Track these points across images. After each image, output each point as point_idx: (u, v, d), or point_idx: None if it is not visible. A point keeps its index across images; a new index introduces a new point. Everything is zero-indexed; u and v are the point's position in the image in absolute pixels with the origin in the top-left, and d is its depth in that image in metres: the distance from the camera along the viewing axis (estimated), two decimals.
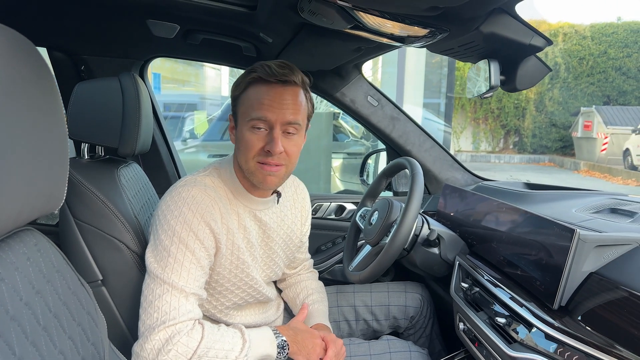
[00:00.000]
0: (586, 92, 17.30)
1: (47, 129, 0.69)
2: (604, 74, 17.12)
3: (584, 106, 16.35)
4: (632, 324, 0.89)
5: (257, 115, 1.18)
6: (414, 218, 1.40)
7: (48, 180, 0.70)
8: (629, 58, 16.80)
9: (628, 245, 1.06)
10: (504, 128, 18.18)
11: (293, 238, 1.49)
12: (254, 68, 1.21)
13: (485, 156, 17.75)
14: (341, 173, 5.87)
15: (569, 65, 17.33)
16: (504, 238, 1.33)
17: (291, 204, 1.50)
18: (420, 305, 1.74)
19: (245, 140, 1.21)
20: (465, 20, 1.11)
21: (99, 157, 1.53)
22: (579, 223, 1.29)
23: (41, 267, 0.73)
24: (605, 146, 14.81)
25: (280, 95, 1.19)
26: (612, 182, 12.75)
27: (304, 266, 1.69)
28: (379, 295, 1.74)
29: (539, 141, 17.94)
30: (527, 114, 17.83)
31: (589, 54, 17.19)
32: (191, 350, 1.11)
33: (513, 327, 1.11)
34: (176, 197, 1.21)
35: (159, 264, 1.16)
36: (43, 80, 0.68)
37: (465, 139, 18.24)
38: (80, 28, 1.77)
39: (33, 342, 0.64)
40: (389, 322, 1.73)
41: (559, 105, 17.59)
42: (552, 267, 1.07)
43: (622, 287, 0.96)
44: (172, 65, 10.16)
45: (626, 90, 16.94)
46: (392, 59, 7.19)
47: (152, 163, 2.22)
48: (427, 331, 1.76)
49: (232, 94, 1.28)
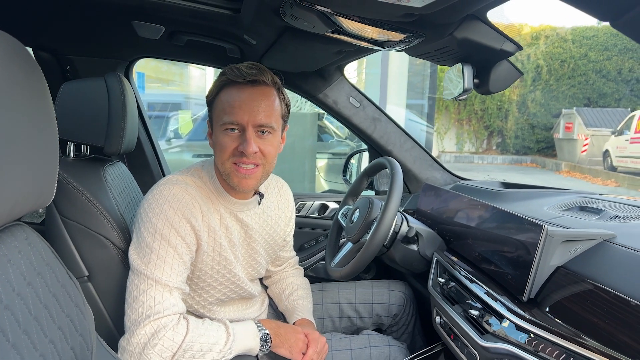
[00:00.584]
0: (567, 94, 17.53)
1: (38, 128, 0.72)
2: (584, 76, 17.37)
3: (566, 108, 16.57)
4: (595, 315, 0.93)
5: (228, 119, 1.20)
6: (394, 216, 1.44)
7: (39, 176, 0.73)
8: (608, 61, 17.08)
9: (593, 240, 1.11)
10: (487, 129, 18.36)
11: (276, 238, 1.52)
12: (224, 71, 1.23)
13: (469, 157, 17.90)
14: (326, 173, 5.91)
15: (551, 67, 17.56)
16: (479, 235, 1.38)
17: (275, 205, 1.52)
18: (404, 303, 1.78)
19: (220, 143, 1.23)
20: (439, 26, 1.16)
21: (85, 156, 1.55)
22: (549, 220, 1.35)
23: (32, 260, 0.76)
24: (585, 147, 15.03)
25: (251, 96, 1.21)
26: (592, 183, 12.92)
27: (289, 263, 1.72)
28: (363, 293, 1.78)
29: (522, 142, 18.15)
30: (510, 115, 18.02)
31: (570, 57, 17.43)
32: (176, 344, 1.14)
33: (486, 319, 1.16)
34: (157, 195, 1.24)
35: (142, 260, 1.19)
36: (35, 82, 0.72)
37: (449, 140, 18.38)
38: (66, 28, 1.79)
39: (25, 331, 0.67)
40: (373, 320, 1.77)
41: (541, 107, 17.81)
42: (522, 262, 1.12)
43: (587, 280, 1.01)
44: (157, 65, 10.08)
45: (606, 92, 17.21)
46: (375, 60, 7.25)
47: (137, 162, 2.24)
48: (409, 328, 1.81)
49: (206, 100, 1.30)
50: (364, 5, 1.00)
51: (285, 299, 1.62)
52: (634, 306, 0.88)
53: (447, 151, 17.96)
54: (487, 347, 1.11)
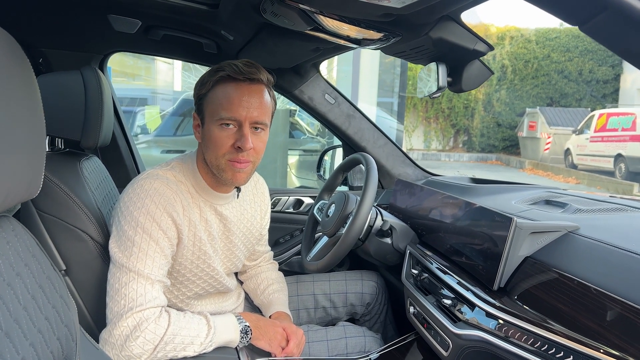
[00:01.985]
0: (531, 93, 18.00)
1: (27, 121, 0.72)
2: (547, 76, 17.87)
3: (529, 107, 16.98)
4: (561, 301, 0.99)
5: (226, 115, 1.21)
6: (369, 209, 1.48)
7: (28, 168, 0.74)
8: (570, 62, 17.61)
9: (559, 232, 1.17)
10: (454, 127, 18.68)
11: (253, 231, 1.53)
12: (222, 67, 1.24)
13: (436, 154, 18.18)
14: (297, 169, 5.92)
15: (515, 67, 17.99)
16: (450, 228, 1.43)
17: (251, 199, 1.54)
18: (376, 292, 1.82)
19: (215, 138, 1.23)
20: (416, 26, 1.20)
21: (59, 149, 1.53)
22: (517, 213, 1.40)
23: (19, 251, 0.77)
24: (548, 146, 15.45)
25: (248, 94, 1.23)
26: (555, 180, 13.29)
27: (264, 258, 1.73)
28: (337, 283, 1.81)
29: (487, 140, 18.55)
30: (476, 114, 18.39)
31: (533, 57, 17.89)
32: (158, 337, 1.15)
33: (458, 308, 1.20)
34: (138, 190, 1.24)
35: (124, 254, 1.19)
36: (24, 76, 0.72)
37: (417, 138, 18.63)
38: (39, 20, 1.75)
39: (16, 320, 0.68)
40: (347, 309, 1.81)
41: (506, 106, 18.23)
42: (493, 253, 1.16)
43: (553, 269, 1.06)
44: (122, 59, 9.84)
45: (567, 92, 17.75)
46: (347, 58, 7.28)
47: (111, 157, 2.21)
48: (381, 317, 1.85)
49: (197, 92, 1.29)
50: (346, 5, 1.03)
51: (260, 293, 1.63)
52: (596, 292, 0.93)
53: (414, 149, 18.20)
54: (459, 334, 1.15)
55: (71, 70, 1.43)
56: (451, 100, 18.11)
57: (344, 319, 1.82)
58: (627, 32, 0.61)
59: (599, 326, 0.89)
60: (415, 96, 17.26)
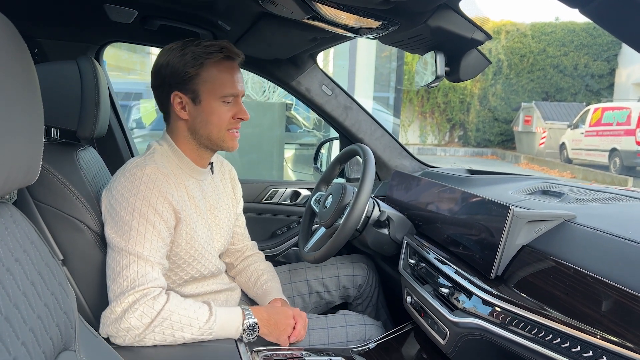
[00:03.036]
0: (527, 88, 18.03)
1: (26, 108, 0.72)
2: (543, 71, 17.89)
3: (525, 101, 17.04)
4: (558, 289, 1.00)
5: (230, 92, 1.34)
6: (367, 200, 1.48)
7: (27, 154, 0.73)
8: (565, 56, 17.64)
9: (555, 220, 1.17)
10: (450, 122, 18.70)
11: (230, 207, 1.58)
12: (217, 48, 1.31)
13: (432, 149, 18.22)
14: (293, 163, 5.92)
15: (511, 62, 18.01)
16: (447, 218, 1.43)
17: (220, 177, 1.59)
18: (367, 274, 1.86)
19: (219, 113, 1.34)
20: (414, 14, 1.20)
21: (55, 140, 1.53)
22: (514, 203, 1.41)
23: (17, 237, 0.77)
24: (543, 140, 15.51)
25: (237, 70, 1.38)
26: (550, 175, 13.37)
27: (247, 246, 1.72)
28: (329, 268, 1.84)
29: (483, 135, 18.59)
30: (472, 108, 18.41)
31: (529, 52, 17.91)
32: (155, 311, 1.17)
33: (455, 297, 1.21)
34: (131, 178, 1.25)
35: (122, 238, 1.21)
36: (23, 63, 0.72)
37: (413, 132, 18.64)
38: (34, 10, 1.74)
39: (15, 305, 0.68)
40: (340, 293, 1.83)
41: (502, 101, 18.26)
42: (490, 242, 1.17)
43: (550, 258, 1.07)
44: (116, 53, 9.77)
45: (563, 87, 17.79)
46: (343, 51, 7.27)
47: (107, 148, 2.20)
48: (373, 300, 1.88)
49: (181, 72, 1.29)
50: None
51: (252, 285, 1.63)
52: (592, 279, 0.94)
53: (410, 143, 18.21)
54: (457, 322, 1.16)
55: (67, 60, 1.42)
56: (447, 94, 18.12)
57: (337, 302, 1.84)
58: (631, 15, 0.61)
59: (595, 312, 0.89)
60: (411, 90, 17.29)
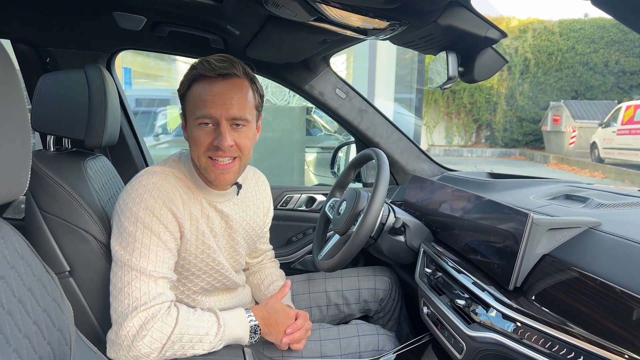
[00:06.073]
0: (555, 86, 17.67)
1: (9, 120, 0.70)
2: (572, 69, 17.50)
3: (553, 100, 16.70)
4: (582, 303, 0.93)
5: (201, 113, 1.20)
6: (380, 206, 1.44)
7: (11, 168, 0.71)
8: (595, 53, 17.21)
9: (578, 228, 1.11)
10: (476, 122, 18.45)
11: (255, 228, 1.52)
12: (195, 65, 1.22)
13: (458, 150, 17.99)
14: (315, 167, 5.90)
15: (539, 60, 17.67)
16: (465, 225, 1.38)
17: (253, 195, 1.53)
18: (389, 287, 1.79)
19: (194, 138, 1.23)
20: (423, 13, 1.15)
21: (66, 149, 1.53)
22: (535, 209, 1.34)
23: (4, 253, 0.74)
24: (573, 139, 15.16)
25: (222, 90, 1.20)
26: (580, 175, 13.04)
27: (267, 255, 1.72)
28: (350, 279, 1.78)
29: (510, 135, 18.27)
30: (499, 108, 18.13)
31: (557, 50, 17.55)
32: (165, 335, 1.13)
33: (472, 309, 1.16)
34: (137, 186, 1.23)
35: (126, 250, 1.18)
36: (6, 73, 0.70)
37: (439, 134, 18.46)
38: (45, 20, 1.75)
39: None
40: (360, 306, 1.77)
41: (529, 100, 17.93)
42: (508, 250, 1.11)
43: (573, 268, 1.01)
44: (144, 60, 9.98)
45: (593, 85, 17.36)
46: (363, 54, 7.22)
47: (120, 156, 2.21)
48: (395, 314, 1.81)
49: (178, 93, 1.29)
50: None
51: (264, 288, 1.62)
52: (620, 293, 0.87)
53: (436, 145, 18.05)
54: (474, 336, 1.11)
55: (75, 69, 1.41)
56: (473, 95, 17.88)
57: (357, 316, 1.78)
58: None
59: (623, 330, 0.83)
60: (436, 91, 17.11)
